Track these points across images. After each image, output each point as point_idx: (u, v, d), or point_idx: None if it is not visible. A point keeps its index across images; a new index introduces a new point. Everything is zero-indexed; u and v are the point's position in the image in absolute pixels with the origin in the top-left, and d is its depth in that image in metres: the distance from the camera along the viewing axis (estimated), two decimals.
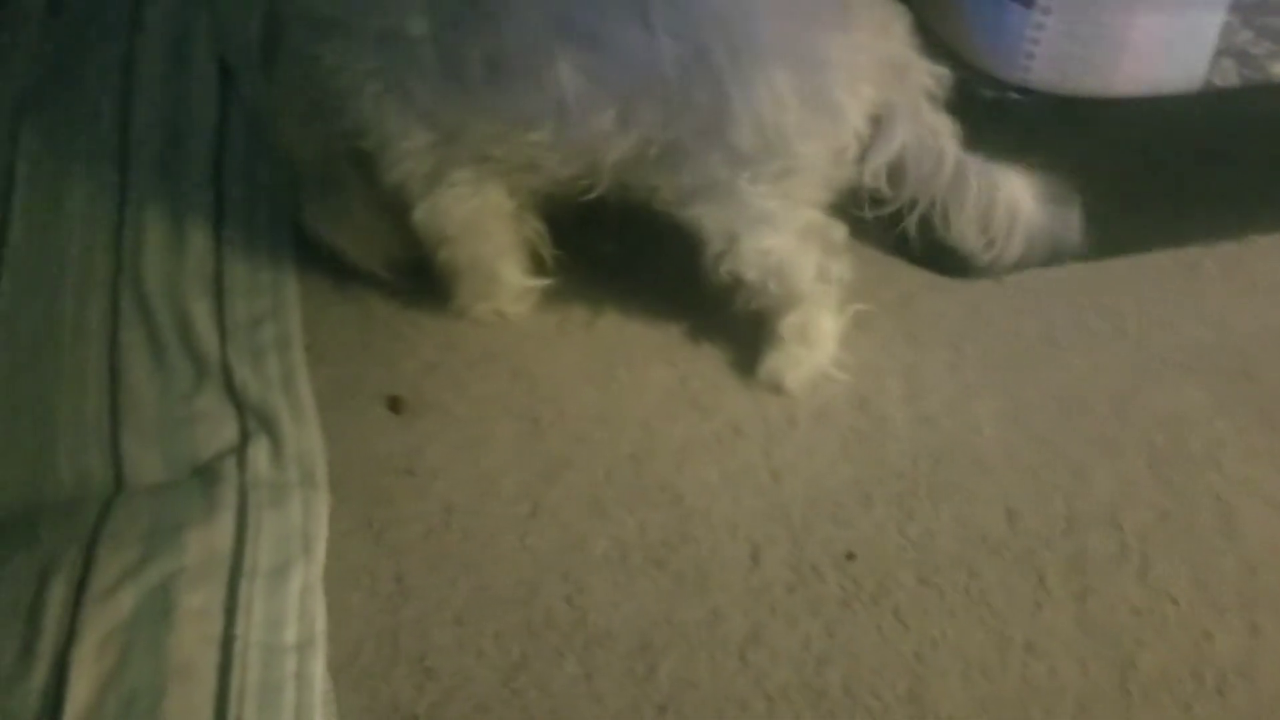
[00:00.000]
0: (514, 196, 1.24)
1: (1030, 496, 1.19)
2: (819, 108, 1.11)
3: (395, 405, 1.26)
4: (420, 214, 1.22)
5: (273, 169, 1.43)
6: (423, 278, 1.32)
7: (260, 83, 1.26)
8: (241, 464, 1.16)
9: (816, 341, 1.28)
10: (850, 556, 1.15)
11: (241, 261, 1.34)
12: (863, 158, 1.16)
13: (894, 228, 1.39)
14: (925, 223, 1.37)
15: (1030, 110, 1.22)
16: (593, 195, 1.20)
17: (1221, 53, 1.20)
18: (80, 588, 1.02)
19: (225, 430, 1.20)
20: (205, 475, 1.15)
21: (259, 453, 1.18)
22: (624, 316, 1.34)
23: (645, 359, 1.30)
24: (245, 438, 1.19)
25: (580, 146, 1.14)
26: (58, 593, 1.02)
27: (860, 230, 1.38)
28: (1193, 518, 1.18)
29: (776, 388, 1.27)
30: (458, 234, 1.24)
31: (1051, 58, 1.18)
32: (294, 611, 1.06)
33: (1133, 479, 1.21)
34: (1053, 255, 1.21)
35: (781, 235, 1.19)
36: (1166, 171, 1.33)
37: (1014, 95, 1.21)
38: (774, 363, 1.27)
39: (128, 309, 1.29)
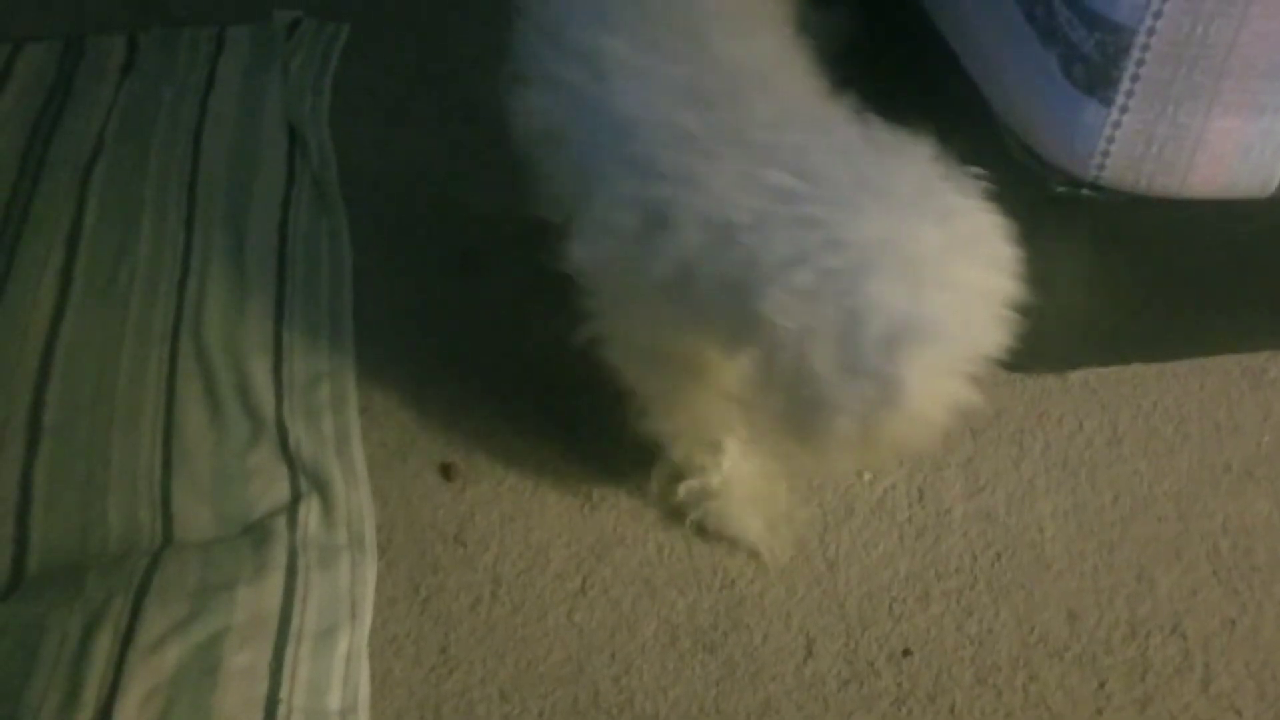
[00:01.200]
0: None
1: (1092, 598, 1.16)
2: None
3: (447, 472, 1.25)
4: None
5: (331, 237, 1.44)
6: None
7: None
8: (292, 523, 1.15)
9: None
10: (906, 653, 1.12)
11: (301, 320, 1.34)
12: None
13: None
14: None
15: (1102, 208, 1.21)
16: None
17: None
18: (126, 641, 1.00)
19: (277, 488, 1.19)
20: (256, 533, 1.14)
21: (310, 513, 1.17)
22: None
23: None
24: (296, 497, 1.18)
25: None
26: (103, 644, 1.00)
27: None
28: (1258, 627, 1.15)
29: None
30: None
31: (1127, 156, 1.17)
32: (339, 677, 1.04)
33: (1197, 586, 1.18)
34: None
35: None
36: (1234, 275, 1.31)
37: (1087, 192, 1.20)
38: None
39: (186, 362, 1.29)
